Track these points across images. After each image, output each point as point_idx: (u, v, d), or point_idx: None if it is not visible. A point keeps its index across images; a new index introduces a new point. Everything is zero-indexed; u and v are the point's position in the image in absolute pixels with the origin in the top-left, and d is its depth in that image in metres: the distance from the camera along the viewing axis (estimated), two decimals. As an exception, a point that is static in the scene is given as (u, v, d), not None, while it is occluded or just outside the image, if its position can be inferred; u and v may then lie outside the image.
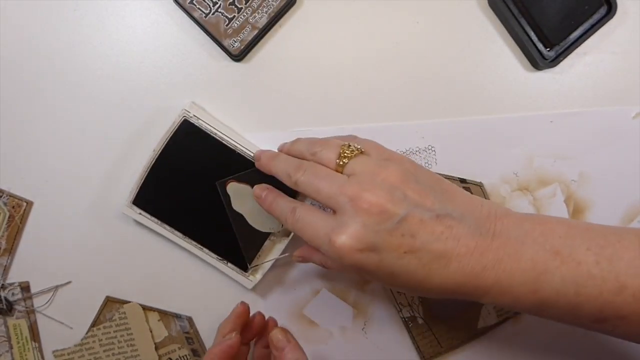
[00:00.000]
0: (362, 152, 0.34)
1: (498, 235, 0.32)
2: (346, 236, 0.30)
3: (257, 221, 0.41)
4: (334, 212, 0.32)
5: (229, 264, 0.42)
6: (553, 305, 0.31)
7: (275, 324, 0.43)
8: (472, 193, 0.41)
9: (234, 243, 0.42)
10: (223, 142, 0.41)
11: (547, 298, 0.31)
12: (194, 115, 0.41)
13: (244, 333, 0.41)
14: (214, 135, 0.41)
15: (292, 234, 0.42)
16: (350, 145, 0.34)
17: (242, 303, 0.42)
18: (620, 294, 0.30)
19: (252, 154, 0.41)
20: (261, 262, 0.42)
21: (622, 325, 0.31)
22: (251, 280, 0.42)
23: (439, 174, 0.35)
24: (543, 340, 0.45)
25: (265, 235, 0.42)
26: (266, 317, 0.44)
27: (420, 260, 0.31)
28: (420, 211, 0.31)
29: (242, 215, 0.41)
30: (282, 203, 0.36)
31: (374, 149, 0.35)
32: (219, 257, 0.42)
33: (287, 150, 0.38)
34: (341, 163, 0.33)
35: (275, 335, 0.39)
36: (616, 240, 0.31)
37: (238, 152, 0.41)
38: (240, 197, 0.41)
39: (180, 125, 0.41)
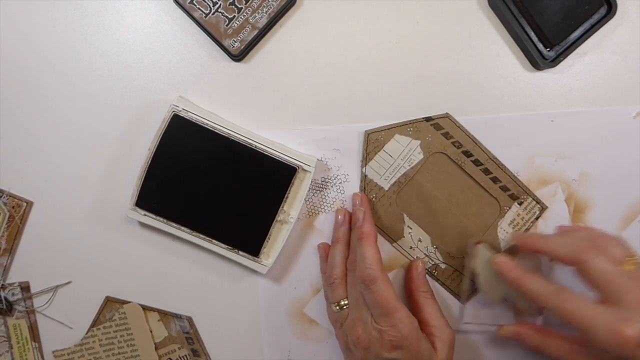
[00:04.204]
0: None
1: None
2: (634, 329, 0.33)
3: (488, 285, 0.42)
4: (606, 302, 0.35)
5: (240, 252, 0.42)
6: None
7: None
8: (440, 126, 0.42)
9: (242, 231, 0.42)
10: (215, 131, 0.41)
11: None
12: (183, 109, 0.41)
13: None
14: (205, 126, 0.41)
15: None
16: (633, 254, 0.37)
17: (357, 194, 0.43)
18: None
19: (244, 138, 0.41)
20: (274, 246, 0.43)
21: None
22: (265, 265, 0.42)
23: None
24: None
25: None
26: (264, 316, 0.44)
27: None
28: None
29: (476, 275, 0.42)
30: (538, 280, 0.38)
31: None
32: (229, 247, 0.42)
33: (564, 233, 0.41)
34: (627, 267, 0.36)
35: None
36: None
37: (232, 139, 0.41)
38: (482, 259, 0.42)
39: (170, 120, 0.41)
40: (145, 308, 0.45)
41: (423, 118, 0.43)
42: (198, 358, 0.46)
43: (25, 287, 0.45)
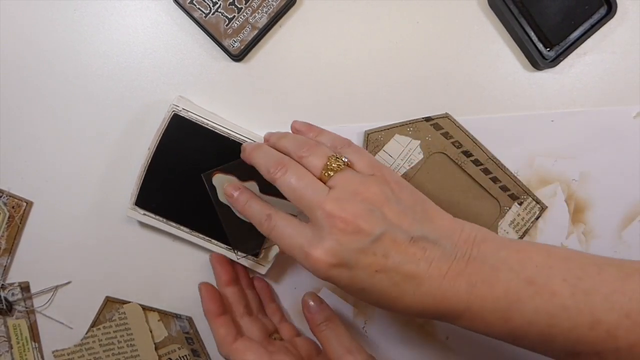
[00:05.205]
0: (348, 165, 0.34)
1: (473, 260, 0.31)
2: (320, 251, 0.31)
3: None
4: (310, 220, 0.33)
5: (239, 253, 0.42)
6: (525, 336, 0.31)
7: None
8: (440, 126, 0.42)
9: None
10: (215, 130, 0.41)
11: (519, 327, 0.30)
12: (183, 109, 0.41)
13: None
14: (205, 125, 0.41)
15: None
16: (337, 158, 0.33)
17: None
18: (594, 329, 0.29)
19: (245, 139, 0.41)
20: (270, 245, 0.42)
21: None
22: (264, 265, 0.42)
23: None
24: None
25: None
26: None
27: (391, 279, 0.31)
28: (396, 232, 0.31)
29: (228, 207, 0.40)
30: (256, 207, 0.36)
31: (361, 162, 0.34)
32: (229, 247, 0.42)
33: (272, 143, 0.37)
34: (326, 174, 0.33)
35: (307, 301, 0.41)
36: (595, 272, 0.30)
37: (232, 139, 0.41)
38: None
39: (170, 120, 0.41)
40: (145, 308, 0.45)
41: (423, 118, 0.43)
42: (198, 358, 0.45)
43: (25, 287, 0.45)
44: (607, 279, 0.30)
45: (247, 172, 0.39)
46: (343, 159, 0.33)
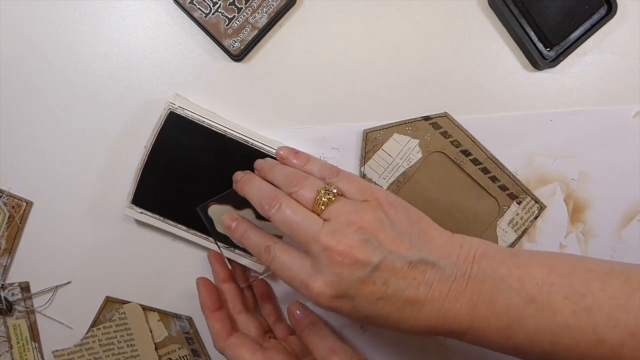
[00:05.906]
0: (339, 195, 0.34)
1: (473, 280, 0.31)
2: (320, 284, 0.31)
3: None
4: (307, 253, 0.33)
5: (237, 250, 0.42)
6: (529, 352, 0.31)
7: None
8: (439, 125, 0.41)
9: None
10: (211, 128, 0.41)
11: (521, 344, 0.30)
12: (179, 107, 0.41)
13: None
14: (202, 123, 0.41)
15: None
16: (327, 191, 0.33)
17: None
18: (598, 347, 0.29)
19: (241, 136, 0.41)
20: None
21: None
22: (261, 264, 0.42)
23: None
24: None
25: None
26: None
27: (393, 305, 0.31)
28: (394, 258, 0.31)
29: (227, 237, 0.41)
30: (255, 237, 0.36)
31: (352, 189, 0.34)
32: (226, 245, 0.42)
33: (263, 175, 0.37)
34: (318, 209, 0.33)
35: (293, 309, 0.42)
36: (599, 288, 0.30)
37: (228, 137, 0.41)
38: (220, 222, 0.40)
39: (166, 118, 0.41)
40: (145, 308, 0.45)
41: (421, 117, 0.43)
42: (198, 358, 0.46)
43: (25, 287, 0.45)
44: (612, 295, 0.29)
45: (242, 201, 0.39)
46: (333, 191, 0.34)
